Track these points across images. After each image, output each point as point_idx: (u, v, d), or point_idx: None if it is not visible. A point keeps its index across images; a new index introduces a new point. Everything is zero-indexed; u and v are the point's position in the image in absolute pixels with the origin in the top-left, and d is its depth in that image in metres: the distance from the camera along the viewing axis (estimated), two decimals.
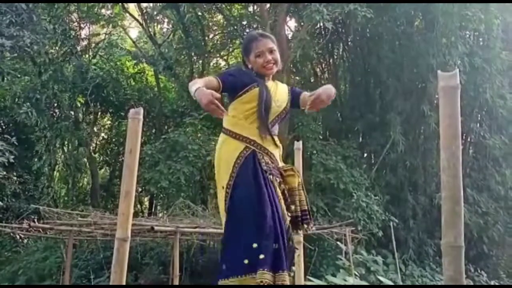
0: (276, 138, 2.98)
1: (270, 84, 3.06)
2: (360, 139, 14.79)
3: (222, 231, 2.79)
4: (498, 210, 13.85)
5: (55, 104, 14.30)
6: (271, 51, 2.99)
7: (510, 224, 14.39)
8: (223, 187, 2.80)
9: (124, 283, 2.54)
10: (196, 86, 2.65)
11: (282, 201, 2.78)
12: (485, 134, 13.78)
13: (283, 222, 2.71)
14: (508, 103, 13.56)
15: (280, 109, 3.01)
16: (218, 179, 2.87)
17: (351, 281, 8.24)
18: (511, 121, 14.02)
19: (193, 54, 16.67)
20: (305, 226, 2.91)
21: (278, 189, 2.79)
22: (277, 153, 2.97)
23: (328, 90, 2.77)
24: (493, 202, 13.81)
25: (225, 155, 2.87)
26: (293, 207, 2.86)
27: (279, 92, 3.07)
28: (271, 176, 2.78)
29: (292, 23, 16.46)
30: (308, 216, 2.92)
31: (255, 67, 3.02)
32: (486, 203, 13.51)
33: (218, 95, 2.58)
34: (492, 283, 13.38)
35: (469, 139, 14.74)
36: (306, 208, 2.92)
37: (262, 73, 3.02)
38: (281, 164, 2.98)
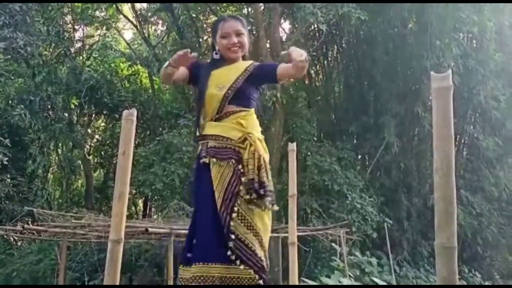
0: (234, 116, 2.84)
1: (223, 68, 2.95)
2: (355, 140, 14.81)
3: None
4: (492, 212, 13.92)
5: (49, 106, 14.22)
6: (238, 34, 2.92)
7: (504, 225, 14.46)
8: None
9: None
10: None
11: (221, 184, 2.69)
12: (478, 136, 13.83)
13: (209, 212, 2.69)
14: (501, 105, 13.63)
15: (222, 91, 2.84)
16: None
17: (345, 282, 8.25)
18: (504, 123, 14.09)
19: None
20: (248, 197, 2.67)
21: (215, 171, 2.73)
22: (235, 130, 2.81)
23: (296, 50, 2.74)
24: (487, 203, 13.88)
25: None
26: (243, 179, 2.70)
27: (228, 74, 2.92)
28: (204, 159, 2.77)
29: (286, 25, 16.48)
30: (252, 186, 2.67)
31: (220, 49, 2.96)
32: (480, 204, 13.57)
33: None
34: (486, 284, 13.43)
35: (463, 141, 14.80)
36: (251, 177, 2.69)
37: (226, 56, 2.95)
38: (238, 136, 2.80)
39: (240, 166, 2.72)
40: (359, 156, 14.44)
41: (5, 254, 13.48)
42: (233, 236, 2.60)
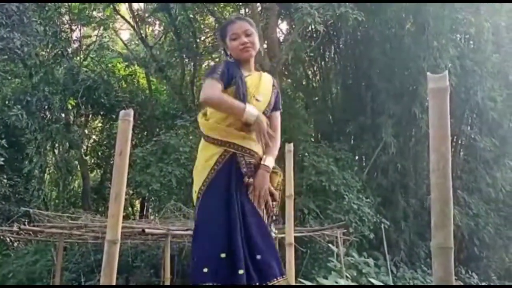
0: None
1: (252, 76, 2.93)
2: (352, 141, 14.82)
3: None
4: (489, 212, 13.93)
5: (46, 107, 14.19)
6: (247, 34, 2.88)
7: (501, 226, 14.48)
8: (195, 191, 2.78)
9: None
10: (240, 105, 2.71)
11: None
12: (476, 137, 13.85)
13: (264, 229, 2.69)
14: (498, 106, 13.65)
15: (264, 105, 2.87)
16: (194, 183, 2.81)
17: (342, 283, 8.25)
18: (501, 124, 14.12)
19: (184, 56, 16.66)
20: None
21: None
22: (260, 148, 2.83)
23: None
24: (484, 204, 13.89)
25: (202, 161, 2.79)
26: (274, 203, 2.79)
27: (263, 86, 2.93)
28: (248, 179, 2.71)
29: (283, 26, 16.51)
30: (275, 218, 2.85)
31: (232, 52, 2.92)
32: (477, 205, 13.59)
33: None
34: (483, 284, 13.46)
35: (460, 142, 14.82)
36: (277, 210, 2.83)
37: (239, 57, 2.90)
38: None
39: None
40: (356, 157, 14.43)
41: (1, 255, 13.47)
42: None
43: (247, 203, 2.67)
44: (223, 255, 2.52)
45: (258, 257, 2.55)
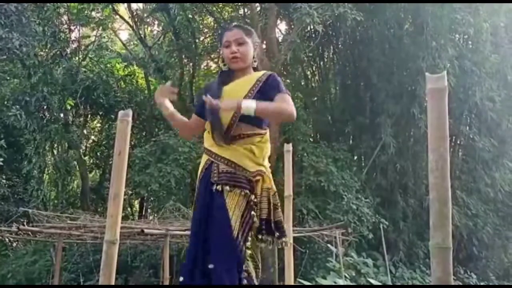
0: (246, 141, 2.71)
1: (234, 83, 2.81)
2: (351, 141, 14.84)
3: None
4: (488, 212, 13.95)
5: (45, 107, 14.18)
6: (239, 43, 2.78)
7: (500, 226, 14.51)
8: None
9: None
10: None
11: (236, 213, 2.58)
12: (474, 137, 13.85)
13: (227, 240, 2.55)
14: (497, 106, 13.66)
15: (230, 113, 2.68)
16: None
17: (341, 283, 8.27)
18: (500, 124, 14.12)
19: (183, 56, 16.65)
20: (259, 237, 2.65)
21: (229, 199, 2.60)
22: (248, 159, 2.69)
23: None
24: (482, 204, 13.91)
25: (199, 171, 2.80)
26: (253, 212, 2.61)
27: (239, 89, 2.75)
28: (217, 187, 2.62)
29: (282, 26, 16.51)
30: (264, 227, 2.64)
31: (225, 60, 2.86)
32: (476, 205, 13.61)
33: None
34: (482, 284, 13.47)
35: (458, 142, 14.83)
36: (265, 217, 2.64)
37: (230, 66, 2.83)
38: (253, 168, 2.68)
39: (253, 197, 2.64)
40: (355, 157, 14.45)
41: (0, 255, 13.47)
42: (245, 268, 2.57)
43: (217, 212, 2.61)
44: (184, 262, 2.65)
45: (210, 266, 2.53)
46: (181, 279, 2.61)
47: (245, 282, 2.54)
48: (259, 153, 2.72)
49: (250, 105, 2.55)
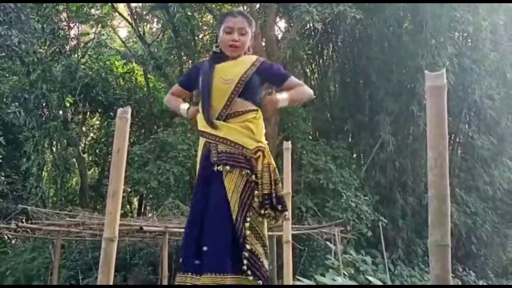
0: (242, 118, 2.78)
1: (227, 62, 2.88)
2: (350, 139, 14.84)
3: None
4: (487, 210, 13.97)
5: (44, 104, 14.17)
6: (241, 32, 2.85)
7: (498, 224, 14.52)
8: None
9: (111, 284, 2.53)
10: (177, 105, 3.01)
11: (235, 194, 2.62)
12: (473, 135, 13.87)
13: (223, 221, 2.60)
14: (496, 104, 13.66)
15: (231, 85, 2.77)
16: None
17: (340, 281, 8.26)
18: (499, 122, 14.13)
19: (182, 54, 16.64)
20: (266, 212, 2.66)
21: (228, 179, 2.65)
22: (244, 136, 2.74)
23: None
24: (481, 202, 13.92)
25: (199, 155, 2.85)
26: (256, 192, 2.66)
27: (233, 68, 2.84)
28: (218, 167, 2.66)
29: (282, 24, 16.47)
30: (268, 201, 2.65)
31: (221, 44, 2.89)
32: (475, 203, 13.62)
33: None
34: (480, 283, 13.48)
35: (457, 140, 14.84)
36: (268, 192, 2.66)
37: (225, 51, 2.88)
38: (251, 145, 2.73)
39: (253, 177, 2.68)
40: (354, 155, 14.46)
41: None
42: (248, 247, 2.58)
43: (216, 193, 2.65)
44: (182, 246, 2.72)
45: (204, 248, 2.57)
46: (180, 260, 2.70)
47: (245, 262, 2.55)
48: (256, 129, 2.78)
49: (283, 97, 2.80)
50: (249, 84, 2.81)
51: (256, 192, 2.66)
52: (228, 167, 2.65)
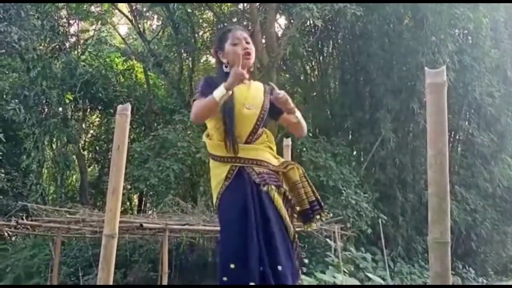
0: (262, 139, 2.84)
1: (244, 86, 2.84)
2: (350, 136, 14.84)
3: (211, 228, 2.80)
4: (486, 208, 13.98)
5: (44, 101, 14.14)
6: (247, 41, 2.86)
7: (498, 221, 14.54)
8: (215, 205, 2.82)
9: (111, 280, 2.53)
10: (210, 98, 2.64)
11: (284, 210, 2.68)
12: (473, 132, 13.88)
13: (286, 240, 2.67)
14: (496, 101, 13.67)
15: (257, 111, 2.81)
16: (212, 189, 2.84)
17: (340, 278, 8.27)
18: (499, 119, 14.14)
19: (182, 51, 16.60)
20: (317, 217, 2.82)
21: (276, 197, 2.67)
22: (269, 154, 2.82)
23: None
24: (481, 199, 13.93)
25: (214, 179, 2.79)
26: (299, 201, 2.78)
27: (252, 93, 2.88)
28: (265, 187, 2.65)
29: (282, 21, 16.46)
30: (318, 206, 2.80)
31: (230, 58, 2.82)
32: (475, 200, 13.63)
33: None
34: (480, 280, 13.50)
35: (457, 137, 14.84)
36: (314, 198, 2.79)
37: (238, 63, 2.70)
38: (277, 162, 2.82)
39: (287, 193, 2.77)
40: (354, 152, 14.45)
41: None
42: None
43: (271, 213, 2.64)
44: (232, 266, 2.53)
45: (279, 268, 2.55)
46: (224, 278, 2.56)
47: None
48: (274, 147, 2.91)
49: (299, 115, 2.96)
50: (267, 112, 2.88)
51: (297, 208, 2.80)
52: (273, 187, 2.68)
